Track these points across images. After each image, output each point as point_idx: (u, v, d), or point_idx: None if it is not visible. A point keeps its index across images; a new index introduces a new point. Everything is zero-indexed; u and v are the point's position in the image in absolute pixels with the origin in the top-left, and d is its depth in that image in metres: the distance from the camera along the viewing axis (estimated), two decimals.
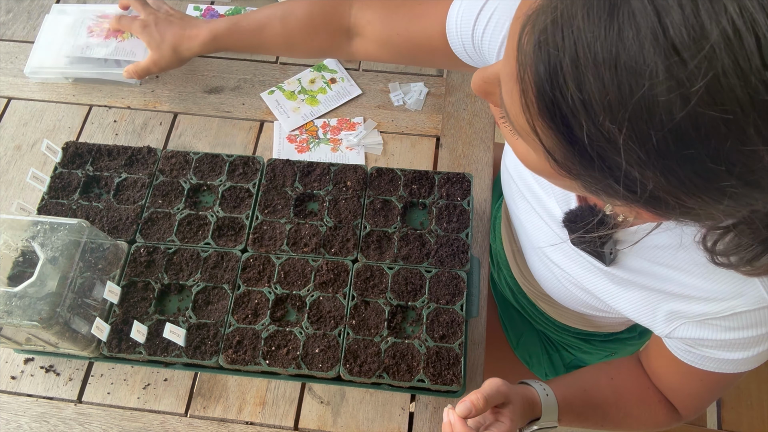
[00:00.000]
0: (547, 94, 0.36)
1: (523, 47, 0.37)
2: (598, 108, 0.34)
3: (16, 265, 0.74)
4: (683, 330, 0.61)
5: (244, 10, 1.09)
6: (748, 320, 0.56)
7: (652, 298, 0.63)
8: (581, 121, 0.35)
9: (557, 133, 0.37)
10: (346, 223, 0.82)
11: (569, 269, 0.72)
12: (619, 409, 0.74)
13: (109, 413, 0.77)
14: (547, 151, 0.40)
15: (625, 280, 0.65)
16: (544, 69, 0.35)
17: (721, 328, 0.58)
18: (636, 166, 0.35)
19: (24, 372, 0.80)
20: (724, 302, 0.57)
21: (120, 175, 0.87)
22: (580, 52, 0.33)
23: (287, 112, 0.99)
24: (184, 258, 0.80)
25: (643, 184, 0.36)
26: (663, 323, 0.63)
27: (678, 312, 0.61)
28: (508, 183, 0.80)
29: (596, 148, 0.35)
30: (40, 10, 1.10)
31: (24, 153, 0.96)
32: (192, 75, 1.03)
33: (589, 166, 0.37)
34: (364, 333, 0.75)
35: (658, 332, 0.64)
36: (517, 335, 1.01)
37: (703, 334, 0.60)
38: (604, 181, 0.38)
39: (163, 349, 0.74)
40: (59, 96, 1.01)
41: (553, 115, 0.36)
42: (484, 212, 0.91)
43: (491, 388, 0.62)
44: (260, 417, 0.77)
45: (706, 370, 0.64)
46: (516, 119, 0.41)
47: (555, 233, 0.72)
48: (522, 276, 0.94)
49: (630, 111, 0.33)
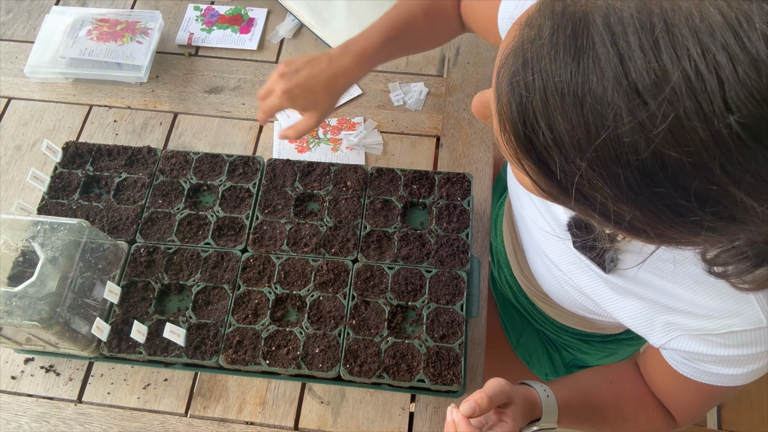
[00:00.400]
0: (520, 131, 0.37)
1: (500, 85, 0.39)
2: (568, 146, 0.35)
3: (16, 265, 0.74)
4: (679, 342, 0.61)
5: (244, 9, 1.09)
6: (743, 339, 0.56)
7: (650, 309, 0.63)
8: (554, 157, 0.36)
9: (536, 167, 0.38)
10: (346, 223, 0.82)
11: (569, 272, 0.72)
12: (618, 413, 0.74)
13: (109, 413, 0.77)
14: (532, 180, 0.41)
15: (623, 288, 0.64)
16: (516, 108, 0.37)
17: (716, 344, 0.58)
18: (610, 200, 0.36)
19: (24, 372, 0.80)
20: (721, 320, 0.56)
21: (120, 175, 0.87)
22: (548, 93, 0.35)
23: (287, 111, 0.99)
24: (184, 258, 0.80)
25: (620, 216, 0.37)
26: (659, 334, 0.63)
27: (675, 324, 0.61)
28: (514, 182, 0.80)
29: (571, 182, 0.36)
30: (40, 10, 1.11)
31: (24, 153, 0.96)
32: (192, 75, 1.03)
33: (568, 197, 0.38)
34: (364, 333, 0.75)
35: (654, 342, 0.64)
36: (517, 335, 1.01)
37: (699, 348, 0.59)
38: (585, 211, 0.39)
39: (163, 349, 0.74)
40: (59, 96, 1.01)
41: (529, 150, 0.38)
42: (484, 212, 0.91)
43: (495, 388, 0.62)
44: (260, 417, 0.77)
45: (702, 382, 0.64)
46: (503, 146, 0.42)
47: (557, 235, 0.72)
48: (522, 275, 0.94)
49: (597, 150, 0.34)
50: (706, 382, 0.63)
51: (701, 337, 0.59)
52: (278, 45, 1.07)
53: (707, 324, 0.58)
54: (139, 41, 1.01)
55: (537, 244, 0.78)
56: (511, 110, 0.37)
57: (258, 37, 1.07)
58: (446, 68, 1.05)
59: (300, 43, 1.07)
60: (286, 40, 1.08)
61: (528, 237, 0.81)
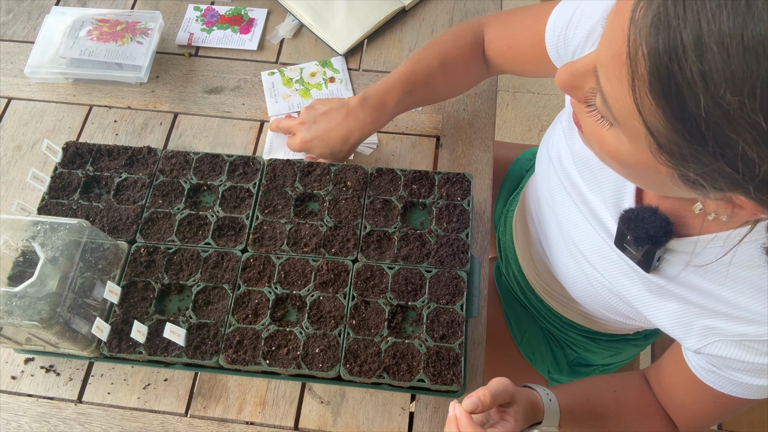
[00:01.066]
0: (663, 68, 0.36)
1: (636, 22, 0.37)
2: (719, 80, 0.33)
3: (17, 265, 0.74)
4: (716, 347, 0.59)
5: (244, 10, 1.09)
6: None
7: (691, 312, 0.61)
8: (698, 95, 0.35)
9: (668, 111, 0.37)
10: (346, 223, 0.82)
11: (605, 271, 0.70)
12: (620, 422, 0.73)
13: (109, 413, 0.77)
14: (651, 134, 0.39)
15: (664, 289, 0.63)
16: (662, 42, 0.35)
17: (757, 351, 0.56)
18: (753, 145, 0.34)
19: (24, 372, 0.80)
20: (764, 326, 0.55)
21: (120, 175, 0.87)
22: (703, 23, 0.33)
23: (277, 96, 0.99)
24: (184, 258, 0.80)
25: (758, 164, 0.35)
26: (696, 338, 0.61)
27: (715, 329, 0.59)
28: (547, 175, 0.79)
29: (711, 125, 0.35)
30: (40, 11, 1.11)
31: (24, 153, 0.96)
32: (192, 75, 1.04)
33: (699, 146, 0.37)
34: (365, 333, 0.76)
35: (689, 346, 0.63)
36: (522, 331, 1.01)
37: (736, 355, 0.58)
38: (712, 165, 0.37)
39: (163, 349, 0.74)
40: (59, 96, 1.01)
41: (667, 91, 0.36)
42: (484, 212, 0.91)
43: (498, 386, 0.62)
44: (260, 417, 0.77)
45: (723, 392, 0.62)
46: (617, 103, 0.41)
47: (597, 233, 0.70)
48: (534, 271, 0.93)
49: (755, 84, 0.32)
50: (729, 393, 0.62)
51: (742, 343, 0.57)
52: (278, 45, 1.07)
53: (751, 329, 0.56)
54: (139, 41, 1.01)
55: (571, 243, 0.76)
56: (653, 46, 0.36)
57: (258, 37, 1.07)
58: None
59: (300, 44, 1.07)
60: (286, 40, 1.08)
61: (559, 235, 0.79)
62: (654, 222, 0.59)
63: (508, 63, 0.85)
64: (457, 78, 0.89)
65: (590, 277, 0.73)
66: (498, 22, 0.86)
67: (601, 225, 0.69)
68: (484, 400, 0.60)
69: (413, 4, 1.10)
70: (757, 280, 0.54)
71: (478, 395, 0.60)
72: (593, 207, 0.70)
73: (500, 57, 0.86)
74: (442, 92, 0.91)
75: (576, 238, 0.75)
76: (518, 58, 0.83)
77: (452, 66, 0.87)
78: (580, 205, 0.72)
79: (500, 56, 0.86)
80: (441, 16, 1.10)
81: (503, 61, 0.86)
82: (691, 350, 0.63)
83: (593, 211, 0.70)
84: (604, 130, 0.46)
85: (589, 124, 0.48)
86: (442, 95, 0.93)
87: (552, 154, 0.78)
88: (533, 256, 0.93)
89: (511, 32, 0.83)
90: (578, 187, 0.72)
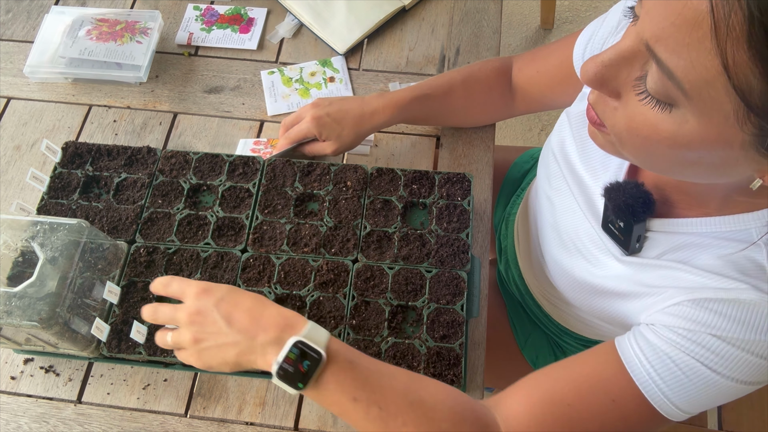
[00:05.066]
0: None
1: None
2: None
3: (16, 266, 0.74)
4: (674, 309, 0.56)
5: (244, 9, 1.09)
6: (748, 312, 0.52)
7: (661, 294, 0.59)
8: None
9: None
10: (346, 223, 0.82)
11: (593, 258, 0.70)
12: (416, 383, 0.61)
13: (108, 414, 0.77)
14: (742, 97, 0.38)
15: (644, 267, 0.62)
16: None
17: (715, 312, 0.53)
18: None
19: (24, 372, 0.79)
20: (729, 280, 0.53)
21: (120, 175, 0.87)
22: None
23: (277, 96, 0.99)
24: (184, 258, 0.80)
25: None
26: (661, 305, 0.58)
27: (678, 294, 0.57)
28: (547, 163, 0.80)
29: None
30: (39, 10, 1.10)
31: (23, 153, 0.96)
32: (191, 75, 1.03)
33: None
34: (365, 333, 0.75)
35: (648, 313, 0.59)
36: (525, 335, 1.01)
37: (695, 315, 0.54)
38: None
39: (163, 350, 0.74)
40: (59, 96, 1.01)
41: None
42: (484, 212, 0.91)
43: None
44: (260, 417, 0.77)
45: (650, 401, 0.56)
46: (690, 74, 0.40)
47: (588, 221, 0.70)
48: (532, 273, 0.93)
49: None
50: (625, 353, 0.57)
51: (700, 303, 0.54)
52: (278, 45, 1.07)
53: (711, 281, 0.54)
54: (138, 41, 1.01)
55: (564, 233, 0.76)
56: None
57: (258, 36, 1.07)
58: (446, 68, 1.04)
59: (300, 43, 1.07)
60: (286, 40, 1.08)
61: (553, 224, 0.79)
62: (635, 193, 0.59)
63: (536, 88, 0.86)
64: (477, 99, 0.89)
65: (580, 270, 0.73)
66: (527, 53, 0.88)
67: (594, 212, 0.69)
68: None
69: (413, 4, 1.10)
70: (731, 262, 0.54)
71: None
72: (590, 194, 0.70)
73: (528, 82, 0.87)
74: (458, 109, 0.90)
75: (569, 227, 0.75)
76: (546, 80, 0.83)
77: (474, 84, 0.88)
78: (576, 192, 0.73)
79: (528, 81, 0.87)
80: (441, 16, 1.10)
81: (531, 86, 0.86)
82: (648, 313, 0.59)
83: (589, 198, 0.70)
84: (657, 117, 0.44)
85: (628, 116, 0.47)
86: (457, 113, 0.91)
87: (554, 141, 0.78)
88: (531, 256, 0.92)
89: (541, 56, 0.85)
90: (577, 173, 0.72)
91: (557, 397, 0.58)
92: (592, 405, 0.57)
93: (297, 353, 0.56)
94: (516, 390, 0.62)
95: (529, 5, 2.18)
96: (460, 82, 0.87)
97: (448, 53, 1.06)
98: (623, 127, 0.49)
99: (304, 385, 0.57)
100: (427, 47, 1.06)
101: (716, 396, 0.54)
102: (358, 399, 0.57)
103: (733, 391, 0.54)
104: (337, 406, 0.58)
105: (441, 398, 0.60)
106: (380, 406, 0.57)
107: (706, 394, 0.54)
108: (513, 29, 2.15)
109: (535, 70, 0.85)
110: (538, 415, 0.58)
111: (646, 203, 0.59)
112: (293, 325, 0.59)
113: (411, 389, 0.59)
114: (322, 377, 0.57)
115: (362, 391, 0.57)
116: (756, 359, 0.52)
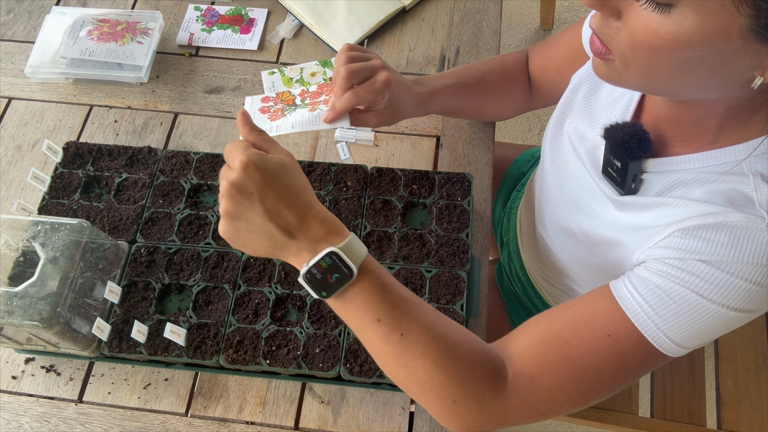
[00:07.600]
0: None
1: None
2: None
3: (17, 265, 0.74)
4: (668, 241, 0.56)
5: (244, 10, 1.10)
6: (737, 237, 0.52)
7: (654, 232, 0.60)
8: None
9: None
10: (347, 223, 0.82)
11: (591, 211, 0.71)
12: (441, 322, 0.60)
13: (109, 413, 0.77)
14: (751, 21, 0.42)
15: (641, 206, 0.63)
16: None
17: (705, 239, 0.53)
18: None
19: (25, 372, 0.80)
20: (717, 206, 0.54)
21: (120, 175, 0.87)
22: None
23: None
24: (184, 258, 0.80)
25: None
26: (656, 239, 0.58)
27: (670, 227, 0.57)
28: (549, 134, 0.82)
29: None
30: (40, 11, 1.11)
31: (25, 153, 0.96)
32: (192, 75, 1.04)
33: None
34: None
35: (640, 251, 0.60)
36: None
37: (686, 244, 0.54)
38: None
39: (163, 349, 0.75)
40: (60, 96, 1.01)
41: None
42: (484, 212, 0.91)
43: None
44: (261, 417, 0.77)
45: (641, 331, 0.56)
46: None
47: (586, 170, 0.72)
48: (533, 255, 0.93)
49: None
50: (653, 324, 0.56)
51: (688, 231, 0.55)
52: (278, 45, 1.07)
53: (699, 209, 0.55)
54: (139, 41, 1.01)
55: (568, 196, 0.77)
56: None
57: (258, 37, 1.07)
58: (446, 68, 1.05)
59: (300, 44, 1.07)
60: (286, 40, 1.08)
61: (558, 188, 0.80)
62: (632, 130, 0.62)
63: (549, 75, 0.86)
64: (505, 87, 0.88)
65: (578, 224, 0.74)
66: (540, 44, 0.89)
67: (595, 162, 0.71)
68: None
69: (413, 4, 1.10)
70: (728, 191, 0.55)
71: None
72: (591, 145, 0.72)
73: (542, 70, 0.87)
74: (490, 97, 0.88)
75: (571, 185, 0.76)
76: (557, 65, 0.84)
77: (501, 69, 0.88)
78: (578, 145, 0.74)
79: (542, 69, 0.87)
80: (441, 16, 1.10)
81: (545, 74, 0.87)
82: (644, 248, 0.60)
83: (591, 150, 0.72)
84: (657, 21, 0.47)
85: (630, 31, 0.49)
86: (488, 100, 0.88)
87: (556, 112, 0.80)
88: (534, 234, 0.92)
89: (551, 42, 0.86)
90: (580, 129, 0.74)
91: (556, 335, 0.59)
92: (589, 341, 0.57)
93: (329, 263, 0.55)
94: (519, 332, 0.62)
95: (529, 5, 2.18)
96: (497, 65, 0.88)
97: (447, 53, 1.06)
98: (627, 44, 0.51)
99: (328, 295, 0.56)
100: (427, 47, 1.07)
101: (709, 326, 0.54)
102: (382, 321, 0.57)
103: (725, 320, 0.54)
104: (358, 322, 0.58)
105: (461, 338, 0.60)
106: (402, 333, 0.57)
107: (698, 323, 0.54)
108: (513, 29, 2.15)
109: (547, 56, 0.86)
110: (540, 355, 0.59)
111: (642, 140, 0.61)
112: (334, 233, 0.57)
113: (436, 324, 0.59)
114: (349, 291, 0.57)
115: (388, 315, 0.57)
116: (744, 283, 0.52)
